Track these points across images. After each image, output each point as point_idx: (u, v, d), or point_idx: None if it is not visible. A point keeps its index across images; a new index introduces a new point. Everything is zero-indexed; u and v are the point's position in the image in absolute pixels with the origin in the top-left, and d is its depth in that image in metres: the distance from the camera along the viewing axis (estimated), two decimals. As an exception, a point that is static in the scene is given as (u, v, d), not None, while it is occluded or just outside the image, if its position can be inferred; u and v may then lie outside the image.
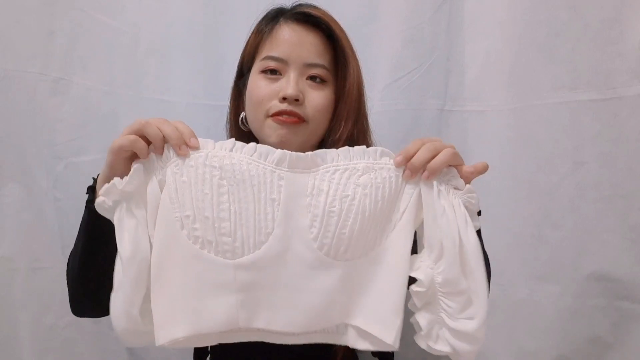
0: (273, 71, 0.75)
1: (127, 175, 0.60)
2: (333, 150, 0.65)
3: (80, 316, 0.75)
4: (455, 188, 0.63)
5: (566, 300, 1.07)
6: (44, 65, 1.09)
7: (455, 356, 0.63)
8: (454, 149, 0.64)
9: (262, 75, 0.76)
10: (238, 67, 0.83)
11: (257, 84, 0.76)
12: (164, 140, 0.62)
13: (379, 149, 0.65)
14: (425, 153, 0.62)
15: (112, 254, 0.61)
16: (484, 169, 0.65)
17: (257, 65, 0.77)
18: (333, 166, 0.63)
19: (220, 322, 0.61)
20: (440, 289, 0.61)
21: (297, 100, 0.73)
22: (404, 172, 0.64)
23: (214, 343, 0.64)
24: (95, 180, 0.68)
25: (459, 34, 1.11)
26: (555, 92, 1.04)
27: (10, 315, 1.11)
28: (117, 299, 0.60)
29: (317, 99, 0.75)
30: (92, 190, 0.68)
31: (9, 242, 1.11)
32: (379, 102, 1.12)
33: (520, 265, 1.11)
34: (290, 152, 0.63)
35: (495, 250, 1.13)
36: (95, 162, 1.14)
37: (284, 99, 0.73)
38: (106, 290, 0.61)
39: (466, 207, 0.62)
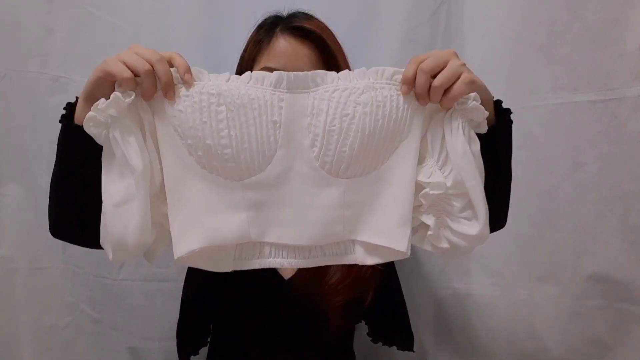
0: None
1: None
2: (333, 72, 0.65)
3: (58, 237, 0.75)
4: (470, 119, 0.63)
5: (566, 302, 1.07)
6: (44, 63, 1.09)
7: (454, 252, 0.66)
8: (464, 66, 0.62)
9: None
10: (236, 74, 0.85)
11: None
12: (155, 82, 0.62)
13: (381, 68, 0.64)
14: (423, 78, 0.61)
15: (88, 173, 0.63)
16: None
17: None
18: (333, 86, 0.63)
19: (232, 235, 0.64)
20: (449, 191, 0.63)
21: None
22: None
23: (230, 269, 0.67)
24: (77, 98, 0.67)
25: (457, 35, 1.11)
26: (555, 93, 1.04)
27: (10, 315, 1.11)
28: (130, 212, 0.60)
29: None
30: (69, 107, 0.68)
31: (9, 242, 1.11)
32: (378, 103, 1.12)
33: (520, 266, 1.11)
34: (287, 72, 0.63)
35: (495, 251, 1.13)
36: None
37: None
38: (88, 210, 0.63)
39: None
